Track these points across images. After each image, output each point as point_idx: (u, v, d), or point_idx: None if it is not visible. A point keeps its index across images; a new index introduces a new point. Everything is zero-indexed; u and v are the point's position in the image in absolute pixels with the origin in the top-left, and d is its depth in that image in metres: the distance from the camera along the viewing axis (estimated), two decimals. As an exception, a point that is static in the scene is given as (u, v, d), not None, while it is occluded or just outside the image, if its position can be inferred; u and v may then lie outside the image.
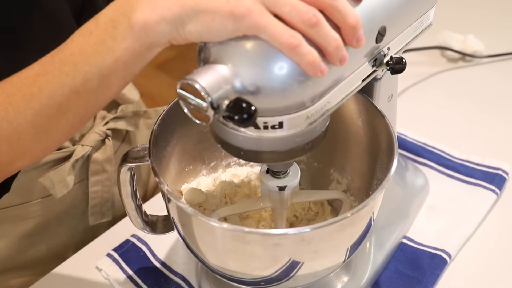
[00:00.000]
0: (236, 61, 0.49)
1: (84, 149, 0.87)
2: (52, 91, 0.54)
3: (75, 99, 0.55)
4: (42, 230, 0.89)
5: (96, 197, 0.93)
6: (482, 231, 0.86)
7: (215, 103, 0.48)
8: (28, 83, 0.55)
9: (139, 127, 0.95)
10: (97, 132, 0.89)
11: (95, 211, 0.94)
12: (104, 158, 0.91)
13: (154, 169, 0.62)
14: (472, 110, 1.10)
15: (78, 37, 0.54)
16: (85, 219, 0.95)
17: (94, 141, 0.88)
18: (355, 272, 0.77)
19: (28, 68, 0.56)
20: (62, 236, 0.93)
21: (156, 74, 2.74)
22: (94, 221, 0.95)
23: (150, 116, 0.95)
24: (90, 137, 0.88)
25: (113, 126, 0.90)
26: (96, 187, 0.92)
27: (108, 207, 0.96)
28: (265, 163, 0.64)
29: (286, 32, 0.47)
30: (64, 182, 0.83)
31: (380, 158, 0.68)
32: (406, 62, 0.61)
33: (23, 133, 0.57)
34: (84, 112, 0.57)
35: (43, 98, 0.55)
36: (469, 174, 0.94)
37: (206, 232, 0.60)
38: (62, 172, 0.83)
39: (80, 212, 0.94)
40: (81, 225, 0.95)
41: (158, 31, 0.50)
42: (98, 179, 0.92)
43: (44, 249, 0.91)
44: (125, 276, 0.81)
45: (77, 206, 0.93)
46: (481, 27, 1.31)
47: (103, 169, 0.91)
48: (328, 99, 0.54)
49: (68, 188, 0.84)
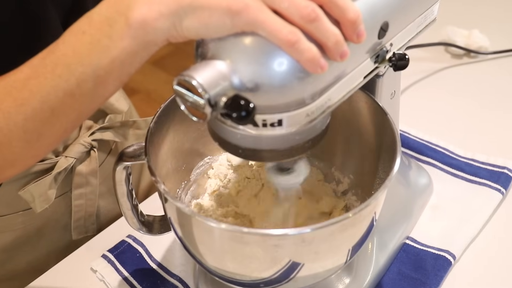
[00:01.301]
0: (235, 57, 0.49)
1: (68, 161, 0.85)
2: (45, 95, 0.53)
3: (70, 102, 0.54)
4: (22, 244, 0.88)
5: (80, 211, 0.91)
6: (487, 232, 0.86)
7: (213, 100, 0.48)
8: (18, 87, 0.54)
9: (128, 138, 0.92)
10: (82, 143, 0.86)
11: (79, 225, 0.93)
12: (89, 171, 0.89)
13: (150, 168, 0.62)
14: (477, 107, 1.11)
15: (70, 37, 0.53)
16: (67, 233, 0.93)
17: (79, 153, 0.86)
18: (357, 273, 0.77)
19: (16, 71, 0.55)
20: (43, 250, 0.91)
21: (152, 70, 2.74)
22: (77, 236, 0.93)
23: (139, 126, 0.93)
24: (74, 148, 0.86)
25: (99, 137, 0.88)
26: (80, 200, 0.90)
27: (93, 221, 0.94)
28: (264, 161, 0.65)
29: (284, 28, 0.47)
30: (45, 196, 0.82)
31: (382, 157, 0.68)
32: (409, 58, 0.61)
33: (14, 140, 0.56)
34: (78, 115, 0.56)
35: (35, 102, 0.54)
36: (474, 173, 0.94)
37: (204, 232, 0.60)
38: (43, 185, 0.81)
39: (62, 226, 0.92)
40: (63, 239, 0.93)
41: (157, 28, 0.50)
42: (82, 192, 0.90)
43: (23, 263, 0.89)
44: (121, 278, 0.81)
45: (59, 219, 0.91)
46: (486, 22, 1.31)
47: (87, 182, 0.89)
48: (329, 96, 0.54)
49: (49, 203, 0.83)
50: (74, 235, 0.93)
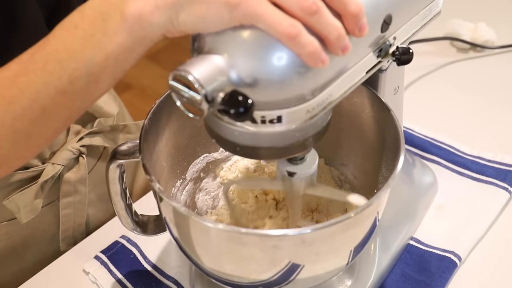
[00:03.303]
0: (232, 51, 0.49)
1: (55, 168, 0.83)
2: (35, 92, 0.53)
3: (61, 100, 0.53)
4: (6, 255, 0.86)
5: (68, 221, 0.90)
6: (494, 232, 0.86)
7: (210, 95, 0.48)
8: (6, 85, 0.53)
9: (118, 143, 0.88)
10: (69, 149, 0.85)
11: (67, 236, 0.91)
12: (77, 178, 0.87)
13: (145, 166, 0.62)
14: (484, 103, 1.11)
15: (61, 32, 0.53)
16: (55, 244, 0.91)
17: (66, 160, 0.84)
18: (359, 275, 0.77)
19: (4, 68, 0.55)
20: (29, 262, 0.89)
21: (147, 64, 2.74)
22: (65, 247, 0.91)
23: (130, 130, 0.91)
24: (61, 155, 0.84)
25: (88, 143, 0.87)
26: (68, 209, 0.89)
27: (82, 231, 0.93)
28: (262, 159, 0.65)
29: (284, 20, 0.47)
30: (31, 206, 0.81)
31: (385, 155, 0.68)
32: (413, 53, 0.61)
33: (1, 140, 0.55)
34: (70, 115, 0.56)
35: (25, 101, 0.53)
36: (480, 171, 0.94)
37: (201, 233, 0.60)
38: (28, 194, 0.80)
39: (50, 237, 0.91)
40: (51, 250, 0.91)
41: (153, 23, 0.50)
42: (70, 201, 0.89)
43: (8, 276, 0.88)
44: (114, 280, 0.81)
45: (46, 229, 0.90)
46: (493, 15, 1.31)
47: (75, 190, 0.88)
48: (330, 91, 0.54)
49: (35, 213, 0.82)
50: (62, 246, 0.91)
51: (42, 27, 0.73)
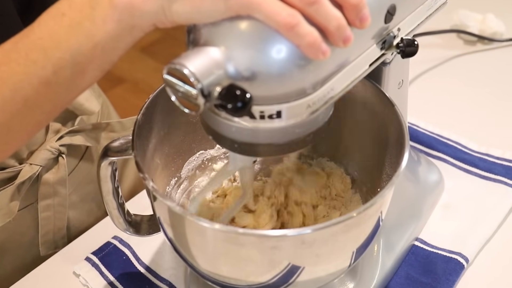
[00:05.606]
0: (229, 43, 0.49)
1: (33, 169, 0.82)
2: (17, 82, 0.52)
3: (44, 92, 0.53)
4: None
5: (48, 224, 0.89)
6: (503, 232, 0.86)
7: (206, 90, 0.48)
8: None
9: (101, 142, 0.89)
10: (48, 149, 0.84)
11: (47, 240, 0.90)
12: (57, 180, 0.86)
13: (138, 163, 0.62)
14: (492, 98, 1.11)
15: (47, 19, 0.52)
16: (34, 249, 0.90)
17: (45, 160, 0.84)
18: (361, 278, 0.77)
19: None
20: (7, 268, 0.88)
21: (140, 57, 2.73)
22: (46, 251, 0.91)
23: (113, 129, 0.90)
24: (40, 154, 0.83)
25: (68, 142, 0.86)
26: (47, 212, 0.88)
27: (63, 235, 0.92)
28: (261, 156, 0.65)
29: (283, 10, 0.47)
30: (6, 209, 0.80)
31: (389, 151, 0.68)
32: (418, 45, 0.61)
33: None
34: (53, 107, 0.55)
35: (6, 91, 0.52)
36: (489, 169, 0.94)
37: (196, 233, 0.60)
38: (4, 197, 0.79)
39: (28, 241, 0.90)
40: (30, 255, 0.90)
41: (143, 11, 0.50)
42: (49, 204, 0.88)
43: None
44: (106, 283, 0.81)
45: (24, 233, 0.89)
46: (502, 6, 1.31)
47: (55, 192, 0.87)
48: (332, 85, 0.54)
49: (11, 216, 0.81)
50: (42, 251, 0.90)
51: (15, 21, 0.72)
